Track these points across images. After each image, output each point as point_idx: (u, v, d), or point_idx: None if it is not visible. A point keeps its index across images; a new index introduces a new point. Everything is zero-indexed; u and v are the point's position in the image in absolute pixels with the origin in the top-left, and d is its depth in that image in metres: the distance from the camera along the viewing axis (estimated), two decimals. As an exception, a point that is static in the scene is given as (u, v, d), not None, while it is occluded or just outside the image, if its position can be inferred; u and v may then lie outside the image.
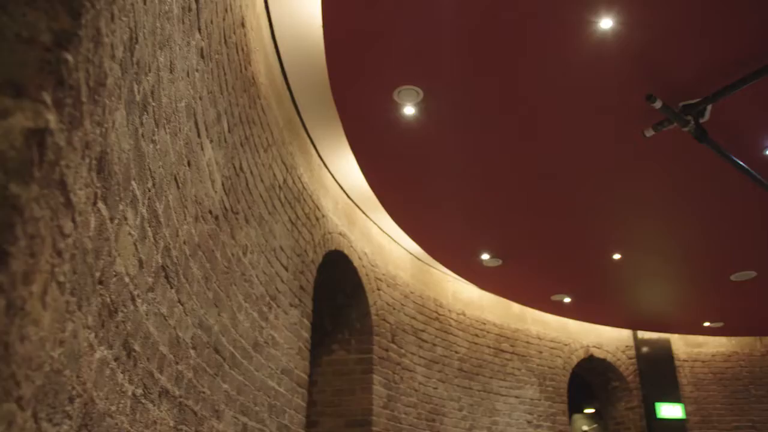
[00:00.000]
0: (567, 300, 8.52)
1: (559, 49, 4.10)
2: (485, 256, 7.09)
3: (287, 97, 4.68)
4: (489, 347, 8.03)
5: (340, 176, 5.79)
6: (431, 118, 4.73)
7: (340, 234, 5.67)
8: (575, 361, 9.23)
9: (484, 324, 8.11)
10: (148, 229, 1.93)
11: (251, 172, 3.57)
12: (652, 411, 9.53)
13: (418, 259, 7.41)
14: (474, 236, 6.68)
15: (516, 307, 8.72)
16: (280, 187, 4.21)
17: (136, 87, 1.66)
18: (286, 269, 4.26)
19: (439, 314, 7.45)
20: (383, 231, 6.81)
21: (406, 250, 7.22)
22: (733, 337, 10.66)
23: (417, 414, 6.56)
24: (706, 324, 9.97)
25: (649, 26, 3.95)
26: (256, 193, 3.65)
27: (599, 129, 4.95)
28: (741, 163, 5.36)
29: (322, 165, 5.54)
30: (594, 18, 3.86)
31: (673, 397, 9.78)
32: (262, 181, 3.79)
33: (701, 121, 4.76)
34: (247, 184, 3.47)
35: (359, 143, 5.07)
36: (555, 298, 8.43)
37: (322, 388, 6.03)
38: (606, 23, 3.89)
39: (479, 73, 4.29)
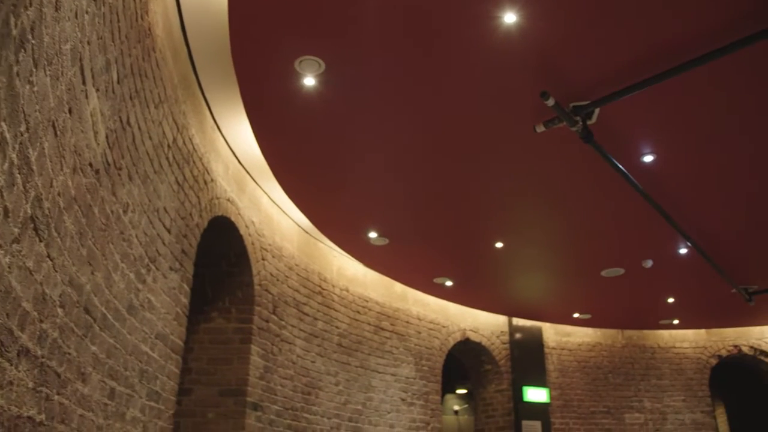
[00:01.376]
0: (449, 283, 8.75)
1: (463, 38, 4.15)
2: (373, 235, 7.14)
3: (184, 53, 4.50)
4: (369, 324, 8.13)
5: (233, 141, 5.65)
6: (331, 92, 4.68)
7: (229, 200, 5.54)
8: (452, 343, 9.52)
9: (367, 301, 8.20)
10: (18, 176, 1.80)
11: (139, 128, 3.40)
12: (519, 394, 10.00)
13: (306, 232, 7.37)
14: (363, 214, 6.71)
15: (399, 287, 8.86)
16: (169, 146, 4.04)
17: (12, 20, 1.53)
18: (169, 231, 4.11)
19: (323, 289, 7.45)
20: (273, 201, 6.71)
21: (295, 222, 7.16)
22: (598, 329, 11.35)
23: (293, 386, 6.56)
24: (576, 315, 10.56)
25: (551, 25, 4.06)
26: (142, 149, 3.49)
27: (494, 120, 5.07)
28: (621, 167, 5.66)
29: (216, 128, 5.38)
30: (499, 12, 3.93)
31: (540, 381, 10.29)
32: (150, 138, 3.62)
33: (589, 123, 4.97)
34: (133, 140, 3.31)
35: (256, 109, 4.95)
36: (437, 280, 8.64)
37: (198, 355, 5.90)
38: (510, 18, 3.97)
39: (383, 53, 4.28)
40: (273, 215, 6.69)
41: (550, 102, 4.59)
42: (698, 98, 4.94)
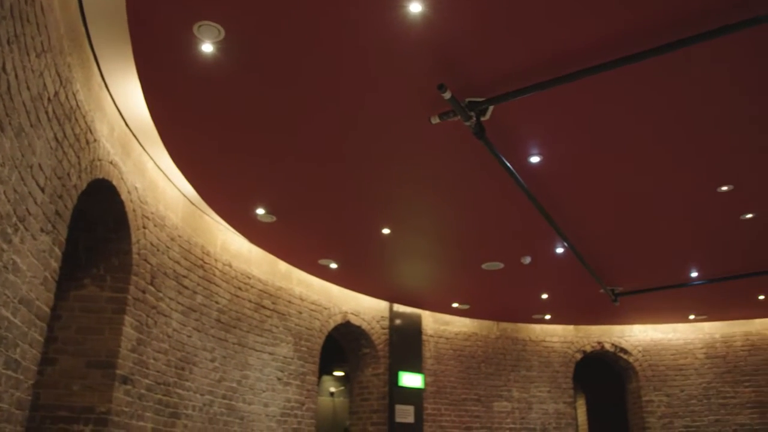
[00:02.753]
0: (333, 266, 8.76)
1: (368, 22, 4.13)
2: (260, 211, 7.03)
3: (75, 2, 4.22)
4: (250, 302, 8.02)
5: (121, 102, 5.38)
6: (229, 60, 4.55)
7: (111, 163, 5.28)
8: (332, 325, 9.55)
9: (249, 278, 8.07)
10: None
11: (16, 76, 3.17)
12: (395, 379, 10.18)
13: (192, 203, 7.15)
14: (252, 189, 6.59)
15: (283, 266, 8.79)
16: (49, 99, 3.80)
17: None
18: (43, 191, 3.87)
19: (205, 262, 7.27)
20: (159, 168, 6.46)
21: (181, 192, 6.93)
22: (475, 320, 11.74)
23: (166, 361, 6.37)
24: (455, 305, 10.87)
25: (456, 19, 4.11)
26: (18, 100, 3.25)
27: (390, 106, 5.09)
28: (509, 165, 5.84)
29: (103, 86, 5.10)
30: (405, 0, 3.94)
31: (415, 367, 10.52)
32: (28, 88, 3.39)
33: (482, 119, 5.09)
34: (8, 88, 3.08)
35: (149, 71, 4.73)
36: (322, 262, 8.63)
37: (66, 324, 5.60)
38: (416, 7, 3.99)
39: (284, 28, 4.20)
40: (158, 183, 6.44)
41: (447, 95, 4.66)
42: (588, 106, 5.17)
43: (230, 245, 7.85)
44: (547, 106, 5.15)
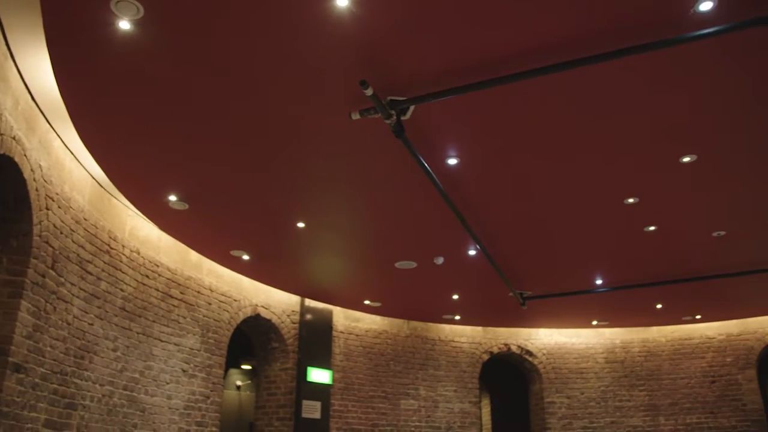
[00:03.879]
0: (246, 257, 8.62)
1: (294, 13, 4.08)
2: (172, 198, 6.84)
3: (-21, -34, 3.98)
4: (158, 291, 7.79)
5: (28, 74, 5.10)
6: (147, 40, 4.39)
7: (14, 139, 5.01)
8: (242, 317, 9.40)
9: (158, 266, 7.84)
10: None
11: None
12: (303, 374, 10.12)
13: (100, 185, 6.87)
14: (165, 175, 6.39)
15: (194, 255, 8.58)
16: (-55, 66, 3.56)
17: None
18: (-66, 163, 3.63)
19: (111, 248, 7.01)
20: (67, 147, 6.17)
21: (89, 173, 6.64)
22: (386, 318, 11.81)
23: (65, 349, 6.10)
24: (367, 302, 10.90)
25: (383, 15, 4.11)
26: None
27: (312, 100, 5.05)
28: (426, 165, 5.90)
29: (9, 56, 4.83)
30: (331, -9, 3.92)
31: (324, 363, 10.49)
32: None
33: (403, 118, 5.12)
34: None
35: (60, 44, 4.51)
36: (234, 253, 8.48)
37: (-46, 305, 5.28)
38: (342, 1, 3.97)
39: (207, 12, 4.09)
40: (65, 162, 6.16)
41: (369, 92, 4.67)
42: (505, 113, 5.28)
43: (139, 231, 7.60)
44: (467, 109, 5.23)
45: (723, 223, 7.85)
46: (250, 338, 10.67)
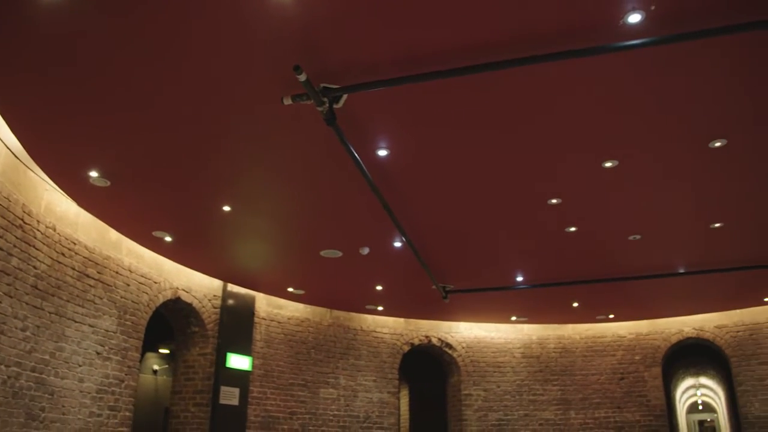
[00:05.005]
0: (168, 239, 8.41)
1: (227, -11, 4.00)
2: (94, 174, 6.59)
3: None
4: (74, 269, 7.51)
5: (-60, 36, 4.82)
6: (72, 14, 4.20)
7: None
8: (161, 300, 9.18)
9: (75, 244, 7.56)
10: None
11: None
12: (222, 360, 9.98)
13: (15, 155, 6.54)
14: (87, 150, 6.15)
15: (114, 235, 8.31)
16: None
17: None
18: None
19: (25, 222, 6.71)
20: (-20, 115, 5.86)
21: (2, 142, 6.32)
22: (309, 306, 11.77)
23: (-32, 325, 5.82)
24: (290, 289, 10.83)
25: (320, 1, 4.06)
26: None
27: (243, 82, 4.96)
28: (356, 155, 5.89)
29: None
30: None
31: (245, 350, 10.38)
32: None
33: (335, 106, 5.08)
34: None
35: (-25, 6, 4.27)
36: (157, 234, 8.26)
37: None
38: (279, -17, 3.91)
39: (138, -20, 3.96)
40: (-23, 131, 5.85)
41: (302, 77, 4.62)
42: (438, 108, 5.33)
43: (56, 207, 7.29)
44: (400, 102, 5.25)
45: (639, 228, 8.16)
46: (170, 322, 10.44)
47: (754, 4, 4.16)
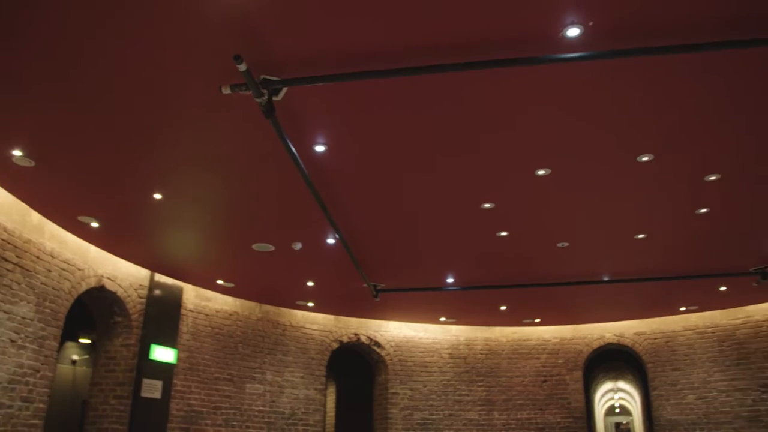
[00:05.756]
0: (95, 224, 8.13)
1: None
2: (17, 153, 6.29)
3: None
4: (-9, 252, 7.19)
5: None
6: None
7: None
8: (84, 288, 8.88)
9: (-7, 226, 7.23)
10: None
11: None
12: (146, 351, 9.73)
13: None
14: (9, 126, 5.83)
15: (36, 217, 7.98)
16: None
17: None
18: None
19: (-60, 202, 6.39)
20: None
21: None
22: (239, 299, 11.60)
23: None
24: (220, 282, 10.65)
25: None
26: None
27: (184, 68, 4.84)
28: (293, 149, 5.83)
29: None
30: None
31: (170, 342, 10.14)
32: None
33: (275, 99, 5.03)
34: None
35: None
36: (83, 219, 7.97)
37: None
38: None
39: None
40: None
41: (242, 67, 4.54)
42: (378, 108, 5.34)
43: (-26, 187, 6.97)
44: (340, 99, 5.23)
45: (567, 235, 8.38)
46: (92, 311, 10.10)
47: (680, 28, 4.33)
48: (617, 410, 31.64)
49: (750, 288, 10.68)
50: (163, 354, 9.99)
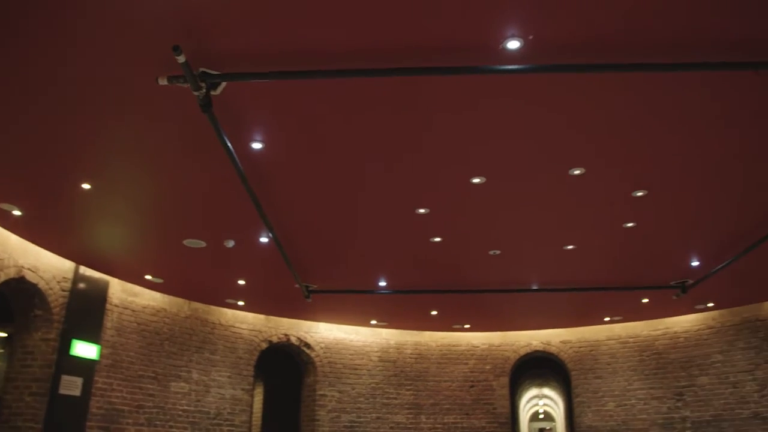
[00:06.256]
0: (17, 212, 7.78)
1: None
2: (-64, 136, 6.01)
3: None
4: None
5: None
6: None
7: None
8: (3, 278, 8.50)
9: None
10: None
11: None
12: (66, 347, 9.39)
13: None
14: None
15: (-46, 204, 7.62)
16: None
17: None
18: None
19: None
20: None
21: None
22: (167, 295, 11.33)
23: None
24: (148, 277, 10.37)
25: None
26: None
27: (121, 57, 4.70)
28: (229, 145, 5.74)
29: None
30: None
31: (93, 337, 9.82)
32: None
33: (213, 93, 4.94)
34: None
35: None
36: (4, 206, 7.60)
37: None
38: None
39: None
40: None
41: (181, 59, 4.46)
42: (317, 108, 5.33)
43: None
44: (280, 97, 5.19)
45: (499, 244, 8.52)
46: (10, 302, 9.68)
47: (613, 48, 4.48)
48: (541, 416, 32.34)
49: (670, 301, 11.10)
50: (84, 350, 9.66)
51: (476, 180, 6.58)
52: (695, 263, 9.36)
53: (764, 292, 11.11)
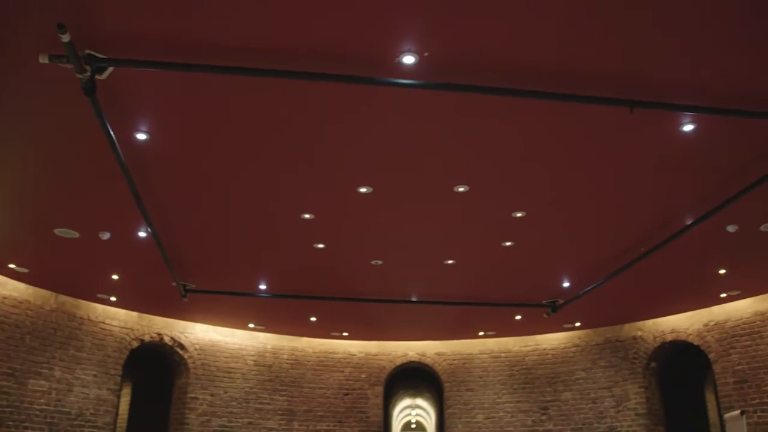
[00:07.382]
0: None
1: None
2: None
3: None
4: None
5: None
6: None
7: None
8: None
9: None
10: None
11: None
12: None
13: None
14: None
15: None
16: None
17: None
18: None
19: None
20: None
21: None
22: (32, 286, 10.66)
23: None
24: (12, 266, 9.74)
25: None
26: None
27: (7, 30, 4.43)
28: (111, 133, 5.52)
29: None
30: None
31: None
32: None
33: (98, 77, 4.75)
34: None
35: None
36: None
37: None
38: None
39: None
40: None
41: (65, 38, 4.24)
42: (208, 104, 5.24)
43: None
44: (170, 89, 5.07)
45: (382, 254, 8.67)
46: None
47: (500, 73, 4.69)
48: (413, 426, 32.92)
49: (541, 319, 11.66)
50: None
51: (363, 189, 6.67)
52: (566, 284, 9.89)
53: (625, 315, 11.94)
